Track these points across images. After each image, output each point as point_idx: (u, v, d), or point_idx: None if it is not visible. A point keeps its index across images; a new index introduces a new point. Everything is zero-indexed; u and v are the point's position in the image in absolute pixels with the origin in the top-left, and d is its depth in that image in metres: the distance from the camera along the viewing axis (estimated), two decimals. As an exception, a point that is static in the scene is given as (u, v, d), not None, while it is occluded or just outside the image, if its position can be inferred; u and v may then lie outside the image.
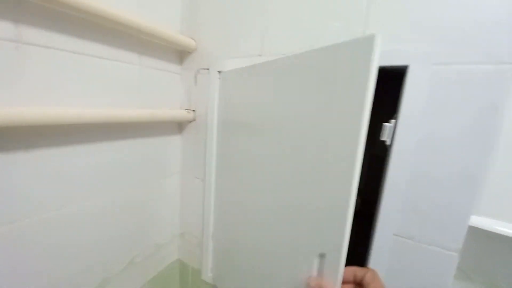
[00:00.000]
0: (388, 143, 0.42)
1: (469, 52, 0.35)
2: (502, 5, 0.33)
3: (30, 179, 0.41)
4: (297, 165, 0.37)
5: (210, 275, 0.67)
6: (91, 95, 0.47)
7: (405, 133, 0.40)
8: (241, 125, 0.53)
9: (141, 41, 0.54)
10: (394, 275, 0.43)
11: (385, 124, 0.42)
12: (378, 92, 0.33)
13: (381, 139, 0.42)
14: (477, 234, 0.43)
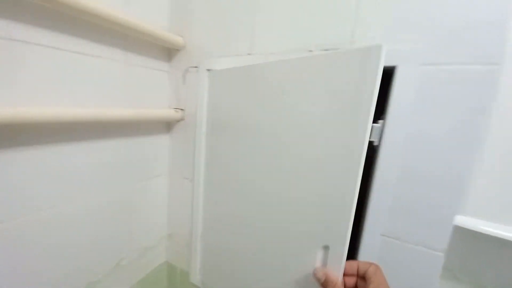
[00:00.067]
0: (376, 143, 0.42)
1: (457, 52, 0.35)
2: (491, 5, 0.33)
3: (4, 181, 0.39)
4: (300, 163, 0.40)
5: (198, 277, 0.66)
6: (72, 93, 0.45)
7: (393, 134, 0.40)
8: (235, 125, 0.52)
9: (126, 38, 0.52)
10: (381, 276, 0.43)
11: (373, 124, 0.41)
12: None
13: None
14: (463, 234, 0.44)
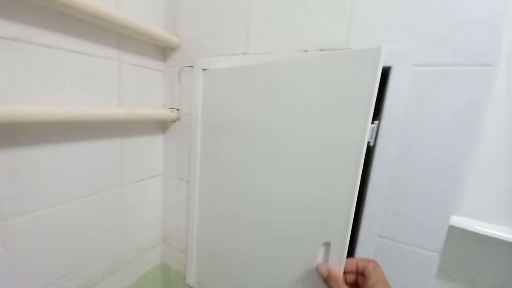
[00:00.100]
0: (371, 144, 0.41)
1: (450, 53, 0.36)
2: (483, 6, 0.33)
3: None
4: (299, 163, 0.41)
5: (194, 278, 0.65)
6: (63, 91, 0.44)
7: (388, 134, 0.40)
8: (232, 125, 0.52)
9: (120, 36, 0.51)
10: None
11: (369, 125, 0.41)
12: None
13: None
14: (458, 233, 0.44)
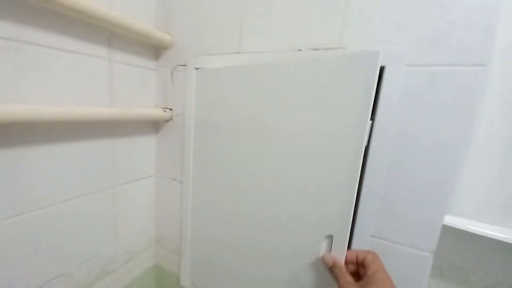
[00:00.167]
0: (365, 143, 0.41)
1: (443, 53, 0.35)
2: (477, 7, 0.33)
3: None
4: (301, 160, 0.43)
5: (189, 280, 0.65)
6: (51, 90, 0.42)
7: (382, 134, 0.40)
8: (226, 124, 0.52)
9: (110, 34, 0.50)
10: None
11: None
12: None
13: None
14: (452, 233, 0.44)
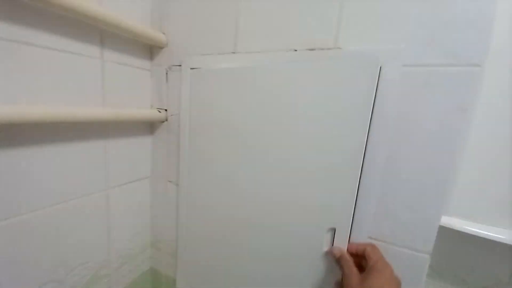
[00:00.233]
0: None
1: (438, 53, 0.35)
2: (472, 6, 0.33)
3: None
4: (300, 158, 0.44)
5: (185, 283, 0.64)
6: (42, 90, 0.41)
7: (378, 135, 0.39)
8: (223, 125, 0.52)
9: (103, 33, 0.49)
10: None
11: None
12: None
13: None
14: (449, 233, 0.44)
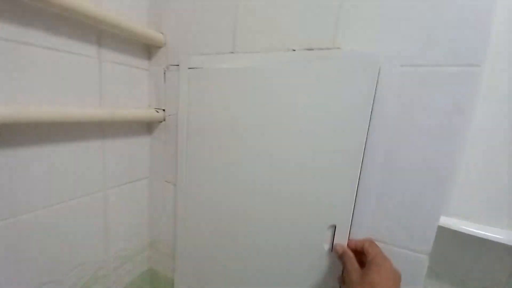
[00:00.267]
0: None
1: (436, 53, 0.35)
2: (470, 6, 0.33)
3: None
4: (307, 160, 0.44)
5: (184, 284, 0.64)
6: (38, 90, 0.41)
7: (377, 135, 0.39)
8: (220, 125, 0.52)
9: (100, 33, 0.49)
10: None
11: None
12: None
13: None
14: (447, 234, 0.44)
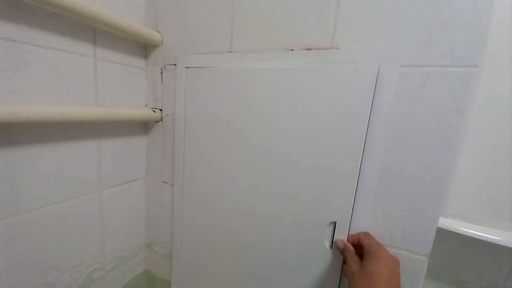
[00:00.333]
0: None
1: (435, 54, 0.35)
2: (469, 7, 0.33)
3: None
4: (307, 160, 0.44)
5: (180, 286, 0.63)
6: (32, 90, 0.40)
7: (375, 137, 0.39)
8: (218, 125, 0.51)
9: (96, 31, 0.48)
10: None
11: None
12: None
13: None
14: (446, 235, 0.44)
